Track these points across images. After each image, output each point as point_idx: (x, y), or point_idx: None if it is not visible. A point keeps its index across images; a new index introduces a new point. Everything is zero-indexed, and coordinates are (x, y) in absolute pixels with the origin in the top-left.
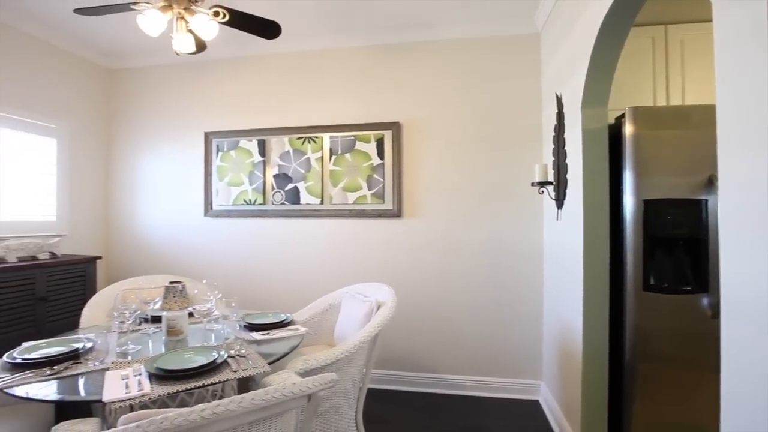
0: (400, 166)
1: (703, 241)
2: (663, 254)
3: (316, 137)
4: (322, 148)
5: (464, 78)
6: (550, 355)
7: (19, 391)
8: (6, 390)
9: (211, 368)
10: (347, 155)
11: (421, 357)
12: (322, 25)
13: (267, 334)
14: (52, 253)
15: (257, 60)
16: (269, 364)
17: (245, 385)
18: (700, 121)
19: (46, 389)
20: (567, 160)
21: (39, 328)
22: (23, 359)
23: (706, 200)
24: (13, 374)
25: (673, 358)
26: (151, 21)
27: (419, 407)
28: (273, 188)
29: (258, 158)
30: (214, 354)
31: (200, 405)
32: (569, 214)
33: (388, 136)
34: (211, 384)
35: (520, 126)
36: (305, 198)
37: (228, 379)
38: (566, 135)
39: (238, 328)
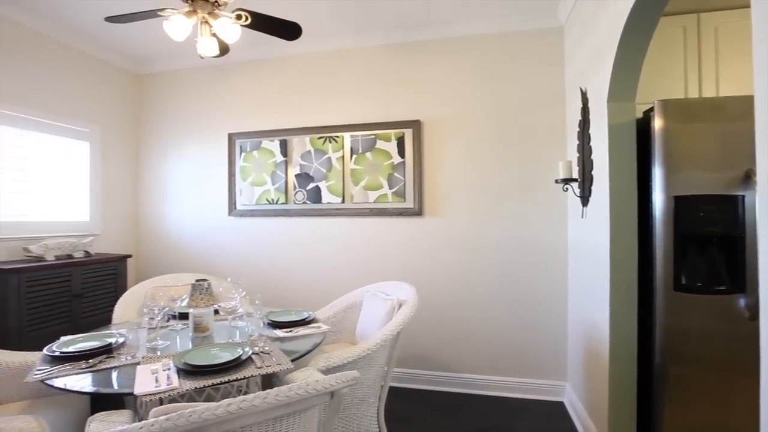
0: (420, 164)
1: (740, 238)
2: (695, 253)
3: (337, 136)
4: (342, 147)
5: (485, 74)
6: (576, 356)
7: (58, 382)
8: (46, 381)
9: (236, 364)
10: (368, 154)
11: (442, 356)
12: (341, 25)
13: (290, 331)
14: (86, 252)
15: (278, 61)
16: (292, 361)
17: (269, 381)
18: (736, 113)
19: (82, 381)
20: (592, 156)
21: (75, 324)
22: (61, 352)
23: (743, 196)
24: (52, 366)
25: (707, 360)
26: (176, 26)
27: (440, 406)
28: (295, 188)
29: (280, 158)
30: (238, 350)
31: (226, 400)
32: (595, 212)
33: (408, 134)
34: (237, 380)
35: (543, 122)
36: (326, 197)
37: (252, 375)
38: (591, 130)
39: (261, 325)
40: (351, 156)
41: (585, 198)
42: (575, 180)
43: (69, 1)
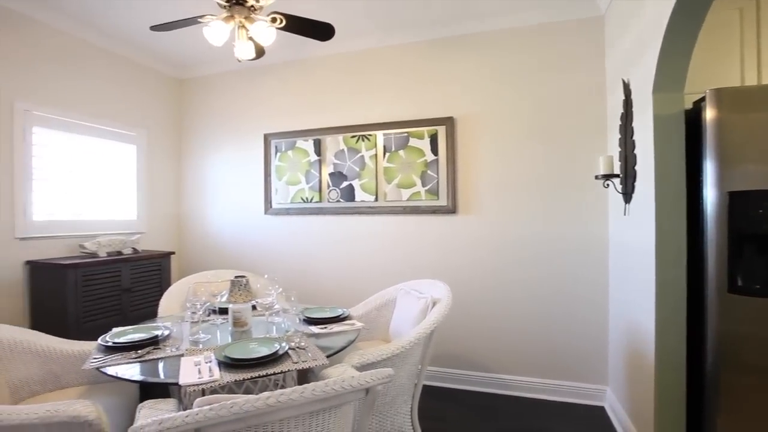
0: (454, 161)
1: None
2: (752, 252)
3: (370, 135)
4: (375, 145)
5: (520, 68)
6: (618, 360)
7: (111, 370)
8: (101, 369)
9: (273, 359)
10: (401, 152)
11: (476, 355)
12: (372, 24)
13: (325, 328)
14: (134, 249)
15: (311, 62)
16: (327, 357)
17: (304, 376)
18: None
19: (132, 370)
20: (636, 151)
21: (124, 316)
22: (114, 343)
23: None
24: (106, 356)
25: (765, 368)
26: (215, 32)
27: (474, 406)
28: (329, 186)
29: (314, 157)
30: (276, 345)
31: (265, 393)
32: (639, 209)
33: (441, 131)
34: (274, 374)
35: (582, 116)
36: (360, 195)
37: (289, 370)
38: (635, 123)
39: (297, 321)
40: (384, 154)
41: (627, 194)
42: (617, 176)
43: (117, 12)
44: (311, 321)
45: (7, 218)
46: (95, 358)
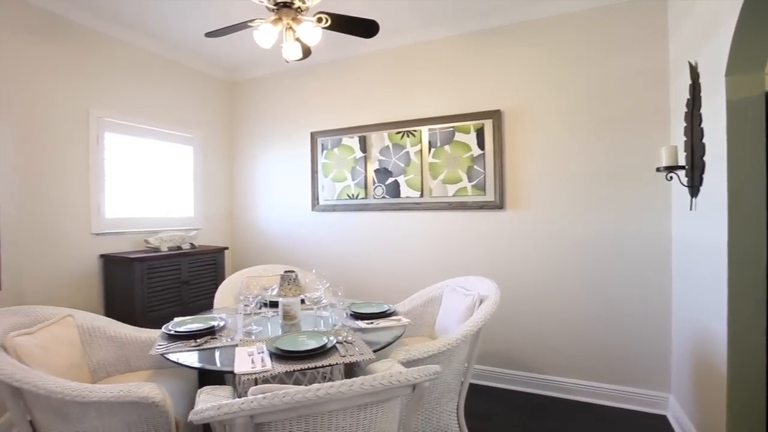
0: (501, 155)
1: None
2: None
3: (415, 131)
4: (420, 141)
5: (571, 56)
6: (682, 366)
7: (173, 357)
8: (165, 355)
9: (322, 352)
10: (446, 147)
11: (525, 355)
12: (415, 19)
13: (371, 323)
14: (192, 244)
15: (355, 60)
16: (373, 352)
17: (350, 370)
18: None
19: (192, 357)
20: (704, 140)
21: (184, 307)
22: (176, 331)
23: None
24: (169, 343)
25: None
26: (264, 34)
27: (522, 407)
28: (374, 183)
29: (359, 154)
30: (324, 339)
31: (315, 385)
32: (708, 203)
33: (488, 125)
34: (323, 366)
35: (642, 104)
36: (405, 191)
37: (337, 363)
38: (703, 110)
39: (344, 316)
40: (429, 150)
41: (694, 188)
42: (682, 167)
43: (174, 21)
44: (358, 316)
45: (84, 216)
46: (160, 345)
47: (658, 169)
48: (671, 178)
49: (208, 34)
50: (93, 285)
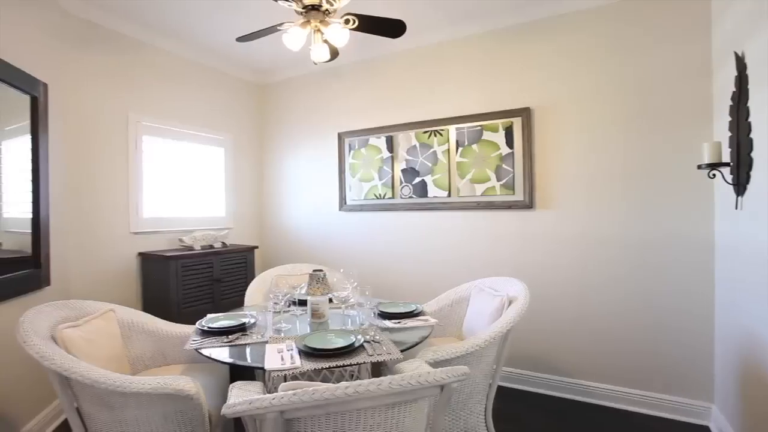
0: (531, 154)
1: None
2: None
3: (442, 130)
4: (448, 140)
5: (604, 50)
6: (727, 375)
7: (206, 352)
8: (198, 350)
9: (350, 350)
10: (474, 146)
11: (555, 359)
12: (441, 17)
13: (399, 322)
14: (223, 243)
15: (382, 60)
16: (401, 351)
17: (377, 369)
18: None
19: (223, 353)
20: (752, 135)
21: (216, 304)
22: (209, 327)
23: None
24: (202, 339)
25: None
26: (293, 37)
27: (552, 411)
28: (401, 182)
29: (386, 154)
30: (352, 338)
31: (344, 383)
32: (756, 202)
33: (517, 123)
34: (351, 365)
35: (681, 98)
36: (432, 191)
37: (365, 362)
38: (751, 103)
39: (372, 315)
40: (457, 149)
41: (740, 186)
42: (726, 164)
43: (205, 27)
44: (385, 315)
45: (124, 216)
46: (194, 340)
47: (699, 167)
48: (714, 176)
49: (240, 39)
50: (131, 281)
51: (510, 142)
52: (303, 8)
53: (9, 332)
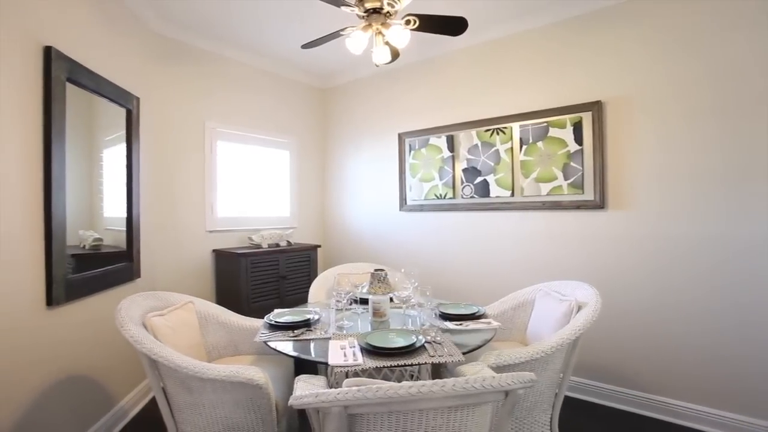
0: (602, 150)
1: None
2: None
3: (505, 128)
4: (511, 138)
5: (682, 36)
6: None
7: (273, 344)
8: (267, 342)
9: (411, 350)
10: (539, 144)
11: (626, 370)
12: (504, 11)
13: (460, 324)
14: (288, 242)
15: (442, 59)
16: (462, 354)
17: (437, 371)
18: None
19: (289, 347)
20: None
21: (281, 300)
22: (276, 322)
23: None
24: (270, 332)
25: None
26: (356, 41)
27: (620, 427)
28: (462, 182)
29: (447, 153)
30: (413, 338)
31: (408, 382)
32: None
33: (586, 118)
34: (412, 365)
35: None
36: (495, 191)
37: (426, 363)
38: None
39: (433, 316)
40: (520, 147)
41: None
42: None
43: (272, 37)
44: (446, 316)
45: (200, 215)
46: (263, 333)
47: None
48: None
49: (305, 46)
50: (207, 276)
51: (579, 139)
52: (365, 12)
53: (111, 317)
